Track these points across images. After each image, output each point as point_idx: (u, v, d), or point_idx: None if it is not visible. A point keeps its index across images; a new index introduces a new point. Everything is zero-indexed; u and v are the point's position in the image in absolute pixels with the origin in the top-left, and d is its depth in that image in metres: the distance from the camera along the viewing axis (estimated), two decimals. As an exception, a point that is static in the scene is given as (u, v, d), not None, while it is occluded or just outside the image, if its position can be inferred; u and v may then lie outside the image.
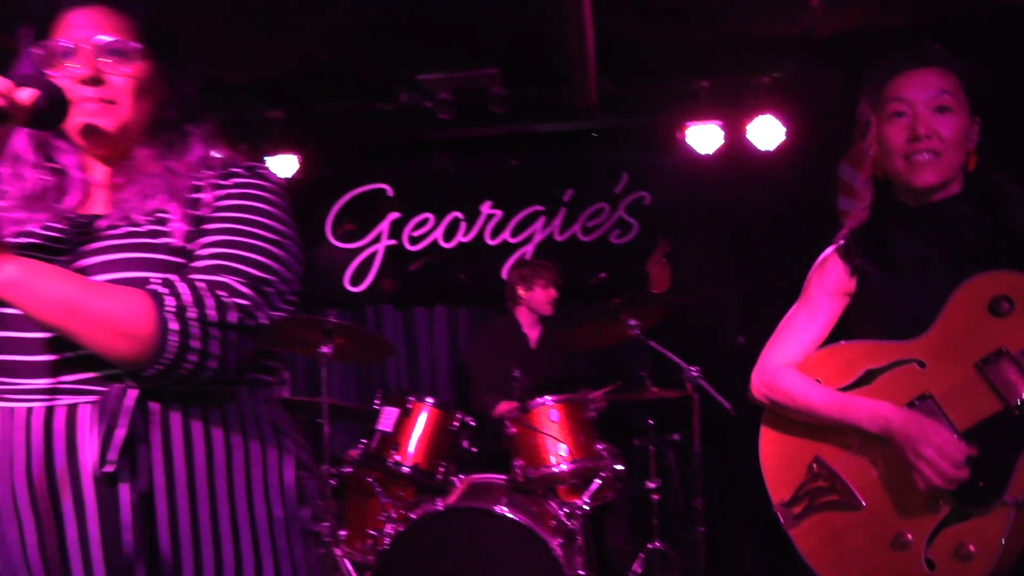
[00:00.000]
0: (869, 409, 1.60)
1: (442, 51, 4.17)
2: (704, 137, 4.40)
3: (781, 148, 4.37)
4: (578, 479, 3.36)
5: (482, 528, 2.99)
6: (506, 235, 4.74)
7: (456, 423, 3.34)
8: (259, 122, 4.56)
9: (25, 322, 1.18)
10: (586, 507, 3.24)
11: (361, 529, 3.51)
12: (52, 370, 1.19)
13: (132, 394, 1.18)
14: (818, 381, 1.69)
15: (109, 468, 1.15)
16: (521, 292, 4.15)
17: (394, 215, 4.81)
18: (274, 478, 1.31)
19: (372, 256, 4.82)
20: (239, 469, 1.27)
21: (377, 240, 4.83)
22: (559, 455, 3.22)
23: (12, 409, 1.19)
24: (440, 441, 3.30)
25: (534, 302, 4.14)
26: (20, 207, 1.27)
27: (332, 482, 3.37)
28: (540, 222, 4.73)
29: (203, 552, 1.22)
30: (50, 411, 1.18)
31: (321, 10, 3.62)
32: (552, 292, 4.13)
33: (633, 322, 3.40)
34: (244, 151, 1.47)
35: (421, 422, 3.30)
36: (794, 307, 1.79)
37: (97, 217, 1.29)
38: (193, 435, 1.23)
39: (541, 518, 3.09)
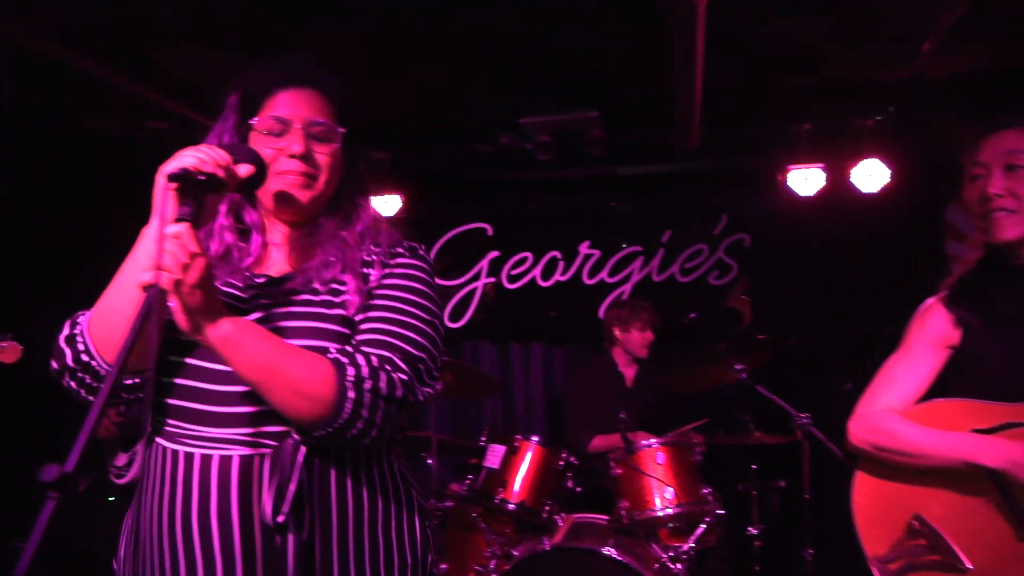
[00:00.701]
0: (985, 444, 1.59)
1: (543, 95, 4.28)
2: (806, 180, 4.37)
3: (885, 191, 4.30)
4: (682, 523, 3.35)
5: (589, 569, 3.01)
6: (604, 275, 4.79)
7: (561, 462, 3.38)
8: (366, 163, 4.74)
9: (208, 374, 1.30)
10: (691, 552, 3.23)
11: (463, 563, 3.57)
12: (229, 422, 1.29)
13: (303, 451, 1.28)
14: None
15: (280, 519, 1.25)
16: (617, 333, 4.18)
17: (493, 253, 4.92)
18: (407, 529, 1.42)
19: (471, 293, 4.94)
20: (380, 522, 1.37)
21: (477, 277, 4.95)
22: (665, 498, 3.22)
23: (191, 454, 1.30)
24: (546, 479, 3.34)
25: (629, 343, 4.16)
26: (214, 265, 1.38)
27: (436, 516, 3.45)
28: (638, 262, 4.76)
29: None
30: (226, 460, 1.28)
31: (428, 58, 3.78)
32: (648, 335, 4.15)
33: (739, 366, 3.40)
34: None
35: (527, 460, 3.35)
36: (894, 356, 1.77)
37: (271, 278, 1.40)
38: (347, 491, 1.34)
39: (646, 561, 3.09)
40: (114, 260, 1.50)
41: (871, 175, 4.29)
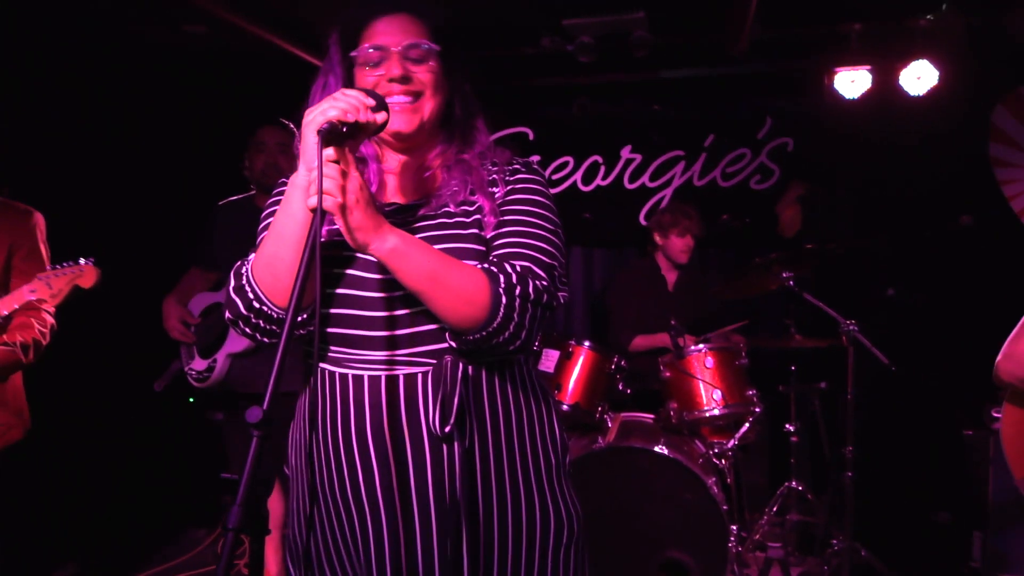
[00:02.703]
0: None
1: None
2: (852, 82, 4.31)
3: (933, 93, 4.24)
4: (727, 421, 3.53)
5: (642, 466, 3.20)
6: (645, 179, 4.81)
7: (612, 366, 3.53)
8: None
9: (364, 302, 1.40)
10: (734, 448, 3.43)
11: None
12: (387, 344, 1.41)
13: (463, 366, 1.40)
14: None
15: (447, 429, 1.38)
16: (658, 239, 4.25)
17: (535, 158, 4.90)
18: (548, 431, 1.55)
19: (512, 198, 4.97)
20: (527, 427, 1.50)
21: (517, 182, 4.96)
22: (714, 399, 3.39)
23: (361, 376, 1.42)
24: (598, 382, 3.50)
25: (669, 249, 4.23)
26: None
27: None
28: (680, 167, 4.76)
29: (507, 495, 1.47)
30: (392, 379, 1.41)
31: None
32: (688, 240, 4.20)
33: (787, 274, 3.49)
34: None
35: (580, 364, 3.50)
36: None
37: (400, 205, 1.49)
38: (498, 397, 1.46)
39: (692, 457, 3.28)
40: (165, 170, 1.55)
41: (919, 77, 4.22)
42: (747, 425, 3.44)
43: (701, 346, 3.46)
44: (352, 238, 1.30)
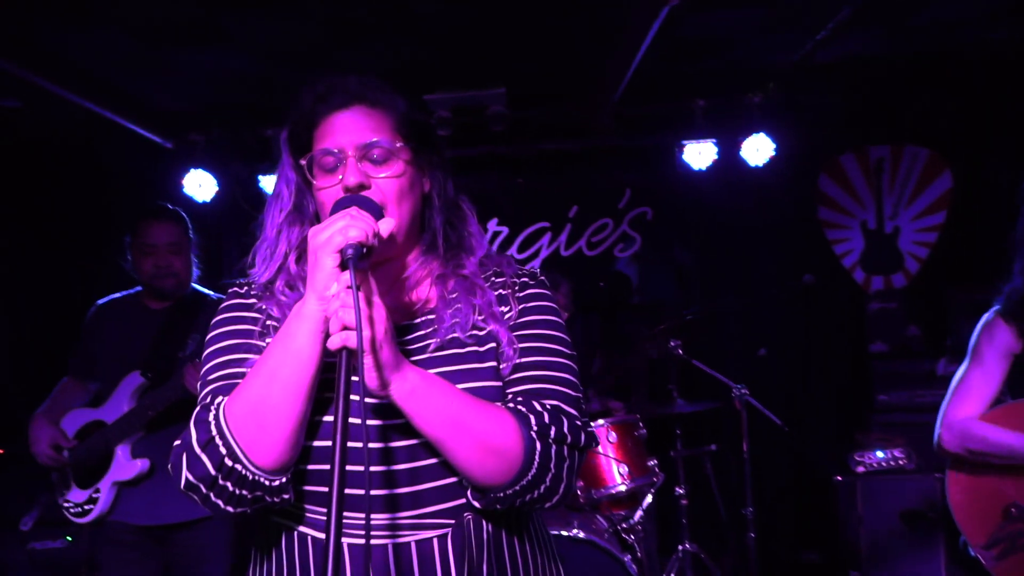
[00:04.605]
0: None
1: (453, 72, 4.20)
2: (699, 154, 4.58)
3: (771, 163, 4.58)
4: (631, 494, 3.52)
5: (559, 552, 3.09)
6: (512, 251, 4.81)
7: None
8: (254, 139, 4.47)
9: (356, 454, 1.11)
10: (642, 520, 3.41)
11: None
12: (387, 505, 1.18)
13: (486, 526, 1.20)
14: None
15: None
16: None
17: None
18: None
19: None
20: None
21: (384, 259, 4.80)
22: (621, 475, 3.36)
23: (355, 547, 1.17)
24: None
25: None
26: None
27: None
28: (546, 238, 4.82)
29: None
30: (400, 549, 1.17)
31: (334, 36, 3.58)
32: None
33: (674, 343, 3.58)
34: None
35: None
36: (967, 368, 2.01)
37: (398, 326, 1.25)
38: (519, 561, 1.26)
39: (602, 535, 3.22)
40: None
41: (758, 149, 4.56)
42: (650, 498, 3.44)
43: (602, 421, 3.44)
44: (378, 376, 1.10)
